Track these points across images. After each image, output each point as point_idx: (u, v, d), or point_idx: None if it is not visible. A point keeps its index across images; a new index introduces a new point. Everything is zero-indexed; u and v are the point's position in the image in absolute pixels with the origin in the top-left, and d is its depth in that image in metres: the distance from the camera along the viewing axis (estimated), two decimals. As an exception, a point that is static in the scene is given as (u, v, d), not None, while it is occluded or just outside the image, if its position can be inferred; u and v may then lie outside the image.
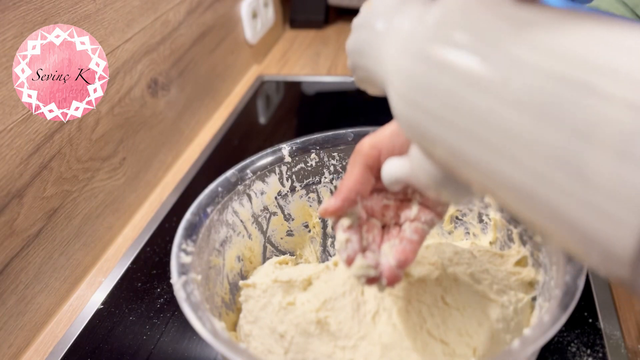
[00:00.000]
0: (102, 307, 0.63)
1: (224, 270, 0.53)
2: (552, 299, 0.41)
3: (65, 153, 0.64)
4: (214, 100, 1.01)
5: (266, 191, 0.57)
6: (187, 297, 0.42)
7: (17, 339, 0.59)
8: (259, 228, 0.58)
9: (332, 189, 0.60)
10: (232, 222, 0.54)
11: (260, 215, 0.58)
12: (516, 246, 0.52)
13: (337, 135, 0.58)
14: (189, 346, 0.58)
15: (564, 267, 0.42)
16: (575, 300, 0.38)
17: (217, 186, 0.53)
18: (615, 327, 0.55)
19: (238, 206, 0.55)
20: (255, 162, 0.57)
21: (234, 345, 0.39)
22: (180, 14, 0.87)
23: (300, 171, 0.59)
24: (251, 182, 0.56)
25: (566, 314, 0.37)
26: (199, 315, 0.40)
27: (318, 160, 0.59)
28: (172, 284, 0.43)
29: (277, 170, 0.58)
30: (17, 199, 0.57)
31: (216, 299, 0.50)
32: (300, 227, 0.61)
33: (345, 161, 0.59)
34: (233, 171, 0.55)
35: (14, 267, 0.57)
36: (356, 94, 1.06)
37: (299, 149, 0.58)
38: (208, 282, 0.49)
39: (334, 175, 0.60)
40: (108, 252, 0.73)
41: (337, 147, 0.59)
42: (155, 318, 0.61)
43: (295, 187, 0.59)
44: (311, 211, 0.61)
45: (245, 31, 1.11)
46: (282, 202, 0.59)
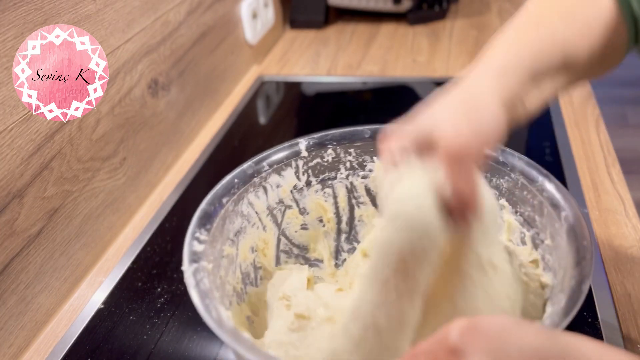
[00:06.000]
0: (103, 307, 0.63)
1: (236, 260, 0.53)
2: (556, 303, 0.41)
3: (66, 153, 0.64)
4: (214, 101, 1.01)
5: (282, 184, 0.58)
6: (197, 285, 0.43)
7: (17, 338, 0.59)
8: (274, 220, 0.58)
9: (347, 184, 0.60)
10: (247, 213, 0.55)
11: (276, 207, 0.58)
12: (528, 249, 0.52)
13: (354, 131, 0.58)
14: (189, 346, 0.58)
15: (570, 272, 0.41)
16: (577, 306, 0.37)
17: (233, 177, 0.54)
18: (615, 327, 0.55)
19: (253, 198, 0.55)
20: (271, 155, 0.57)
21: (237, 334, 0.39)
22: (180, 15, 0.88)
23: (316, 166, 0.59)
24: (267, 174, 0.56)
25: (567, 319, 0.37)
26: (205, 303, 0.41)
27: (335, 156, 0.59)
28: (182, 271, 0.44)
29: (294, 164, 0.58)
30: (17, 199, 0.57)
31: (227, 288, 0.50)
32: (315, 222, 0.61)
33: (361, 157, 0.59)
34: (250, 163, 0.55)
35: (14, 267, 0.57)
36: (356, 94, 1.07)
37: (316, 144, 0.58)
38: (220, 270, 0.49)
39: (350, 172, 0.60)
40: (108, 252, 0.73)
41: (354, 143, 0.58)
42: (156, 318, 0.61)
43: (311, 182, 0.59)
44: (326, 206, 0.61)
45: (245, 31, 1.11)
46: (297, 195, 0.59)
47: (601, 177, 0.76)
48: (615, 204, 0.71)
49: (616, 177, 0.76)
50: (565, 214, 0.46)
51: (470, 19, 1.32)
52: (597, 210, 0.71)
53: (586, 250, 0.42)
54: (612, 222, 0.69)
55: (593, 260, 0.41)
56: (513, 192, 0.52)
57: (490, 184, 0.53)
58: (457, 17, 1.34)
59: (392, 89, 1.07)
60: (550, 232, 0.48)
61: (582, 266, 0.41)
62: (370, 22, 1.33)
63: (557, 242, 0.46)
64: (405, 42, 1.24)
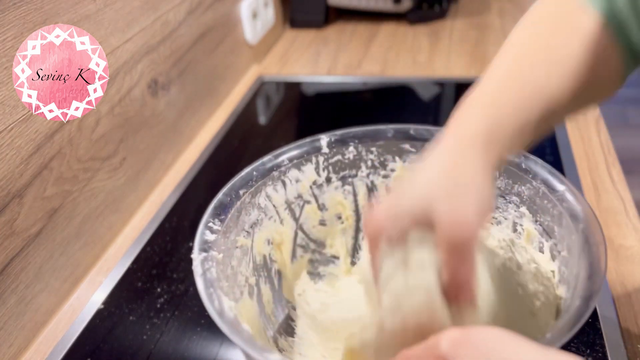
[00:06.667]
0: (102, 307, 0.63)
1: (251, 252, 0.53)
2: (561, 318, 0.40)
3: (66, 153, 0.64)
4: (214, 101, 1.01)
5: (301, 179, 0.58)
6: (203, 273, 0.43)
7: (17, 339, 0.59)
8: (292, 215, 0.58)
9: (368, 183, 0.60)
10: (264, 206, 0.55)
11: (294, 202, 0.58)
12: (546, 259, 0.51)
13: (376, 130, 0.58)
14: (189, 346, 0.58)
15: (581, 286, 0.40)
16: (580, 323, 0.36)
17: (252, 170, 0.54)
18: (615, 327, 0.55)
19: (272, 191, 0.56)
20: (292, 149, 0.57)
21: (235, 325, 0.40)
22: (180, 14, 0.88)
23: (337, 163, 0.59)
24: (287, 169, 0.56)
25: (567, 336, 0.36)
26: (209, 292, 0.42)
27: (356, 154, 0.59)
28: (192, 259, 0.45)
29: (314, 160, 0.58)
30: (17, 199, 0.57)
31: (240, 278, 0.51)
32: (333, 218, 0.61)
33: (383, 157, 0.59)
34: (269, 156, 0.56)
35: (14, 267, 0.57)
36: (356, 93, 1.07)
37: (338, 140, 0.58)
38: (232, 260, 0.49)
39: (371, 170, 0.59)
40: (108, 252, 0.73)
41: (376, 142, 0.58)
42: (155, 318, 0.61)
43: (331, 178, 0.59)
44: (345, 203, 0.61)
45: (245, 31, 1.11)
46: (317, 191, 0.59)
47: (601, 177, 0.76)
48: (615, 204, 0.71)
49: (616, 177, 0.76)
50: (582, 226, 0.44)
51: (471, 19, 1.32)
52: (598, 210, 0.70)
53: (598, 266, 0.40)
54: (613, 222, 0.69)
55: (604, 278, 0.39)
56: (534, 200, 0.51)
57: (511, 190, 0.53)
58: (457, 16, 1.34)
59: (392, 88, 1.07)
60: (567, 243, 0.47)
61: (593, 281, 0.39)
62: (370, 22, 1.33)
63: (573, 254, 0.45)
64: (406, 41, 1.24)
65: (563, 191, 0.48)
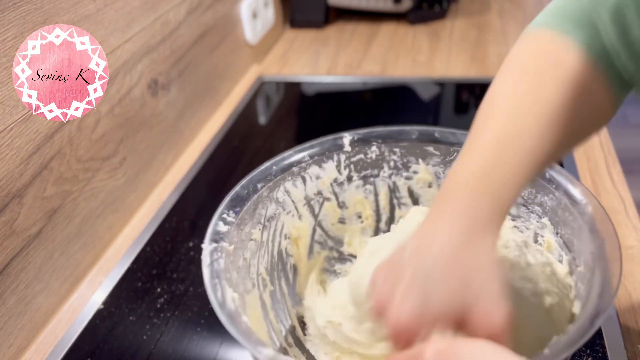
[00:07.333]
0: (102, 307, 0.63)
1: (266, 245, 0.54)
2: (566, 333, 0.38)
3: (66, 153, 0.64)
4: (214, 101, 1.01)
5: (322, 176, 0.58)
6: (210, 263, 0.43)
7: (17, 339, 0.59)
8: (311, 211, 0.58)
9: (390, 184, 0.60)
10: (282, 201, 0.55)
11: (314, 198, 0.58)
12: (564, 271, 0.50)
13: (401, 131, 0.58)
14: (189, 346, 0.58)
15: (591, 303, 0.39)
16: (583, 341, 0.35)
17: (271, 164, 0.54)
18: (615, 327, 0.55)
19: (291, 186, 0.56)
20: (314, 146, 0.57)
21: (235, 317, 0.40)
22: (180, 14, 0.88)
23: (359, 162, 0.58)
24: (307, 165, 0.56)
25: (566, 353, 0.35)
26: (214, 282, 0.42)
27: (378, 154, 0.58)
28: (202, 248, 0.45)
29: (335, 158, 0.57)
30: (17, 199, 0.57)
31: (252, 270, 0.51)
32: (353, 216, 0.61)
33: (406, 158, 0.58)
34: (290, 152, 0.56)
35: (14, 267, 0.57)
36: (356, 93, 1.07)
37: (360, 139, 0.58)
38: (245, 252, 0.50)
39: (394, 171, 0.59)
40: (108, 252, 0.73)
41: (400, 143, 0.58)
42: (155, 318, 0.61)
43: (352, 177, 0.59)
44: (366, 202, 0.61)
45: (245, 31, 1.11)
46: (337, 189, 0.59)
47: (601, 177, 0.76)
48: (615, 204, 0.71)
49: (616, 177, 0.76)
50: (599, 242, 0.43)
51: (471, 19, 1.32)
52: (598, 210, 0.70)
53: (609, 285, 0.39)
54: (613, 222, 0.69)
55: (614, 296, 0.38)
56: (556, 212, 0.50)
57: (534, 200, 0.52)
58: (457, 16, 1.34)
59: (392, 88, 1.07)
60: (584, 259, 0.45)
61: (602, 299, 0.38)
62: (370, 22, 1.33)
63: (588, 270, 0.44)
64: (406, 41, 1.23)
65: (585, 204, 0.46)
